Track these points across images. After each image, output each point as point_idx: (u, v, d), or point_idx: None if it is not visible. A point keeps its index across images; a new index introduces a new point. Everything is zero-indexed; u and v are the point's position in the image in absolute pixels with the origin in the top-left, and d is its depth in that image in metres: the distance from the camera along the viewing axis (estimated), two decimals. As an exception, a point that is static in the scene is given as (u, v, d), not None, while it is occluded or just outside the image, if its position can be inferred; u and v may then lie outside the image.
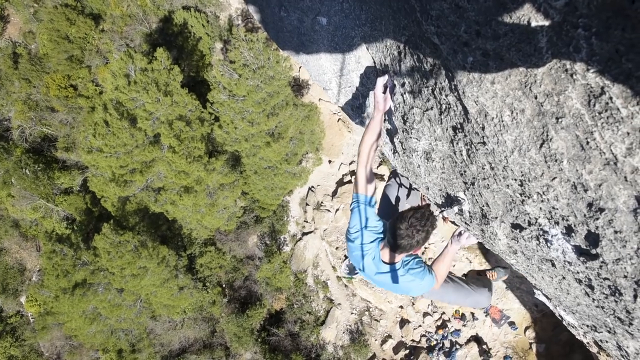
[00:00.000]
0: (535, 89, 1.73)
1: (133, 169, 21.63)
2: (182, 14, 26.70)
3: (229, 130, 21.90)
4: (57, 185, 28.55)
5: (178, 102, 21.13)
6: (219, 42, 27.55)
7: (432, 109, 2.43)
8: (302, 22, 3.14)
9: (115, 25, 28.63)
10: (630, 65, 1.41)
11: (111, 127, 20.40)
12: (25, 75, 30.17)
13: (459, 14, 1.78)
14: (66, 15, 27.79)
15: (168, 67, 21.20)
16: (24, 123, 30.41)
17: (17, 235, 32.19)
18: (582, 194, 1.82)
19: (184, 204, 22.36)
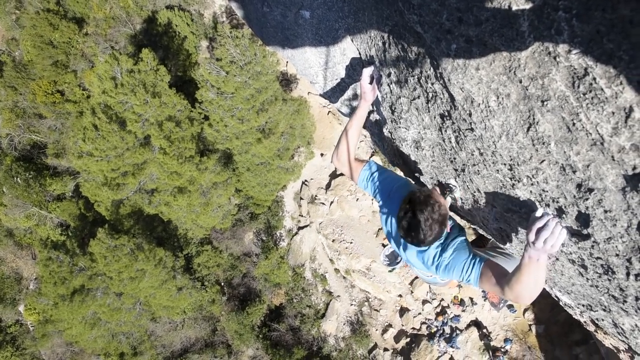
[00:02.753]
0: (520, 73, 1.73)
1: (125, 172, 21.54)
2: (166, 13, 26.54)
3: (219, 128, 21.85)
4: (49, 192, 28.41)
5: (167, 103, 21.04)
6: (205, 40, 27.43)
7: (419, 97, 2.43)
8: (285, 16, 3.13)
9: (99, 28, 28.43)
10: (612, 45, 1.41)
11: (100, 130, 20.29)
12: (10, 83, 29.94)
13: (441, 2, 1.78)
14: (49, 21, 27.57)
15: (154, 68, 21.10)
16: (13, 131, 30.20)
17: (11, 244, 32.04)
18: (570, 175, 1.83)
19: (178, 204, 22.31)
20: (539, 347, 18.69)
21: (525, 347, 19.00)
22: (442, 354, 21.48)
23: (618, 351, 2.96)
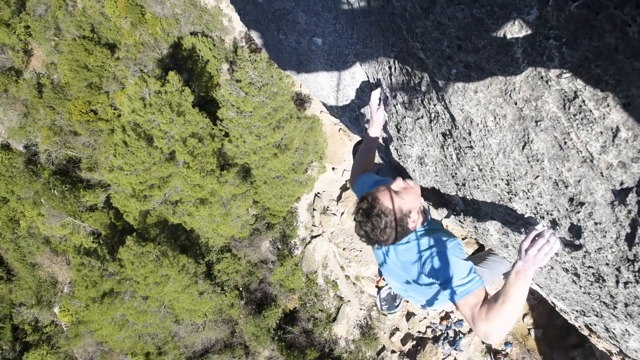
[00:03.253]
0: (515, 96, 1.74)
1: (152, 185, 21.72)
2: (190, 39, 26.88)
3: (238, 144, 21.98)
4: (82, 203, 28.69)
5: (190, 121, 21.24)
6: (226, 63, 27.70)
7: (423, 117, 2.45)
8: (300, 43, 3.18)
9: (130, 53, 28.84)
10: (599, 71, 1.43)
11: (130, 147, 20.52)
12: (49, 103, 30.41)
13: (441, 31, 1.81)
14: (84, 46, 28.03)
15: (180, 89, 21.33)
16: (50, 147, 30.62)
17: (48, 250, 32.36)
18: (563, 190, 1.84)
19: (200, 214, 22.41)
20: (537, 350, 18.40)
21: (524, 350, 18.72)
22: (446, 356, 21.21)
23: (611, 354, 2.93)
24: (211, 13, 27.58)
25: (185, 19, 27.80)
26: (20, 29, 31.25)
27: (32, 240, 32.25)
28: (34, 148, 32.46)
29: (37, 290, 32.61)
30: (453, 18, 1.73)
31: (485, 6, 1.59)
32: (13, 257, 32.74)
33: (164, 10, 28.13)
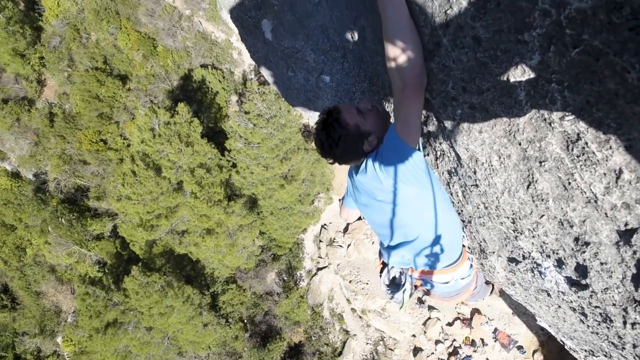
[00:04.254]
0: (519, 137, 1.78)
1: (159, 214, 21.81)
2: (201, 71, 27.39)
3: (245, 175, 22.13)
4: (89, 232, 28.78)
5: (199, 152, 21.45)
6: (235, 95, 28.12)
7: (429, 154, 2.49)
8: (308, 80, 3.25)
9: (141, 84, 29.39)
10: (601, 114, 1.46)
11: (138, 176, 20.69)
12: (60, 133, 30.86)
13: (446, 73, 1.85)
14: (96, 77, 28.61)
15: (189, 120, 21.62)
16: (59, 176, 30.93)
17: (53, 279, 32.30)
18: (568, 230, 1.85)
19: (206, 245, 22.39)
20: (548, 387, 17.98)
21: (535, 388, 18.30)
22: (454, 392, 20.78)
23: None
24: (221, 46, 28.17)
25: (196, 52, 28.39)
26: (35, 60, 31.99)
27: (38, 268, 32.25)
28: (43, 176, 32.79)
29: (41, 319, 32.42)
30: (457, 61, 1.78)
31: (489, 50, 1.64)
32: (18, 285, 32.69)
33: (176, 43, 28.78)
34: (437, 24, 1.77)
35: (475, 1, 1.59)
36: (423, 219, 2.37)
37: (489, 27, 1.60)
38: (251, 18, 3.41)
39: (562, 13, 1.36)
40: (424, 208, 2.33)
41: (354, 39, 2.56)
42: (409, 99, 2.01)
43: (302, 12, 2.77)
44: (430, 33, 1.82)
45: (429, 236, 2.45)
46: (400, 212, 2.36)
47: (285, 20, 3.02)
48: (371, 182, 2.33)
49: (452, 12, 1.68)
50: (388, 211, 2.39)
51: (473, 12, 1.61)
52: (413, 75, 1.95)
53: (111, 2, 28.89)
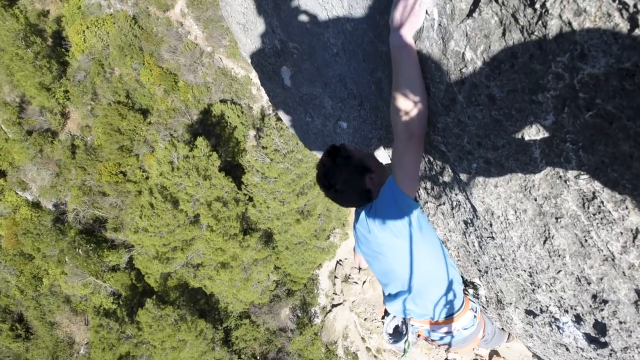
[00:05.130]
0: (535, 192, 1.79)
1: (175, 247, 21.90)
2: (220, 106, 27.91)
3: (262, 209, 22.22)
4: (105, 263, 28.95)
5: (216, 185, 21.65)
6: (253, 130, 28.50)
7: (445, 204, 2.50)
8: (325, 126, 3.31)
9: (161, 118, 29.99)
10: (616, 175, 1.46)
11: (156, 209, 20.90)
12: (81, 164, 31.46)
13: (461, 128, 1.88)
14: (118, 111, 29.28)
15: (207, 154, 21.92)
16: (79, 206, 31.37)
17: (68, 310, 32.38)
18: (586, 286, 1.83)
19: (220, 278, 22.34)
20: None
21: None
22: None
23: None
24: (241, 82, 28.75)
25: (216, 87, 28.99)
26: (60, 93, 32.93)
27: (53, 298, 32.40)
28: (62, 207, 33.29)
29: (54, 350, 32.35)
30: (472, 117, 1.81)
31: (504, 109, 1.67)
32: (33, 315, 32.81)
33: (196, 79, 29.45)
34: (453, 80, 1.81)
35: (490, 61, 1.63)
36: (418, 271, 2.34)
37: (503, 87, 1.63)
38: (271, 64, 3.51)
39: (575, 77, 1.38)
40: (419, 261, 2.30)
41: (371, 89, 2.61)
42: (412, 150, 2.06)
43: (321, 62, 2.85)
44: (446, 89, 1.86)
45: (426, 288, 2.43)
46: (396, 264, 2.35)
47: (304, 68, 3.10)
48: (367, 234, 2.35)
49: (467, 70, 1.72)
50: (384, 262, 2.40)
51: (488, 71, 1.65)
52: (419, 128, 2.01)
53: (135, 39, 29.81)
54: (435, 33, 1.80)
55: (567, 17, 1.32)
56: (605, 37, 1.27)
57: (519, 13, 1.46)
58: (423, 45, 1.87)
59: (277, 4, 2.89)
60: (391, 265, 2.38)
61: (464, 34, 1.68)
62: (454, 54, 1.74)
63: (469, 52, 1.68)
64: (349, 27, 2.41)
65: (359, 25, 2.33)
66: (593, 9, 1.27)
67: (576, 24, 1.32)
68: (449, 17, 1.71)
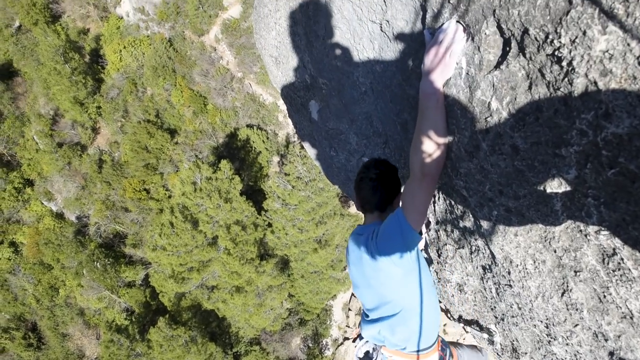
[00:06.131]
0: (554, 244, 1.79)
1: (191, 267, 21.98)
2: (246, 131, 28.30)
3: (280, 235, 22.23)
4: (122, 279, 29.15)
5: (236, 209, 21.79)
6: (277, 156, 28.75)
7: (464, 248, 2.50)
8: (349, 161, 3.35)
9: (188, 138, 30.50)
10: (637, 233, 1.46)
11: (176, 228, 21.09)
12: (107, 179, 32.06)
13: (484, 174, 1.90)
14: (147, 130, 29.91)
15: (230, 177, 22.15)
16: (101, 220, 31.83)
17: (81, 322, 32.54)
18: (603, 343, 1.81)
19: (234, 302, 22.28)
20: None
21: None
22: None
23: None
24: (268, 108, 29.17)
25: (244, 112, 29.46)
26: (92, 109, 33.84)
27: (68, 310, 32.63)
28: (85, 220, 33.81)
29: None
30: (495, 165, 1.83)
31: (527, 160, 1.69)
32: (47, 325, 33.04)
33: (225, 103, 29.99)
34: (477, 128, 1.84)
35: (515, 113, 1.66)
36: (405, 300, 2.37)
37: (527, 139, 1.65)
38: (300, 98, 3.59)
39: (599, 135, 1.40)
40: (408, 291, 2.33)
41: (397, 129, 2.66)
42: (426, 189, 2.12)
43: (349, 99, 2.91)
44: (470, 136, 1.89)
45: (407, 317, 2.42)
46: (385, 290, 2.38)
47: (332, 103, 3.16)
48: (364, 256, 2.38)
49: (492, 120, 1.75)
50: (376, 286, 2.42)
51: (512, 123, 1.67)
52: (436, 171, 2.10)
53: (169, 61, 30.63)
54: (463, 81, 1.84)
55: (593, 76, 1.35)
56: (630, 99, 1.29)
57: (545, 69, 1.49)
58: (450, 92, 1.91)
59: (309, 40, 2.98)
60: (383, 291, 2.41)
61: (490, 85, 1.72)
62: (480, 103, 1.78)
63: (495, 102, 1.72)
64: (379, 69, 2.47)
65: (388, 68, 2.39)
66: (619, 71, 1.30)
67: (602, 84, 1.34)
68: (477, 67, 1.76)
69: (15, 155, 35.59)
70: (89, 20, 36.67)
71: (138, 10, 33.63)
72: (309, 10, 2.87)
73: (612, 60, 1.29)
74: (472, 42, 1.76)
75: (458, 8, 1.79)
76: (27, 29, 35.65)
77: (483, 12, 1.67)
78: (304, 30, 3.04)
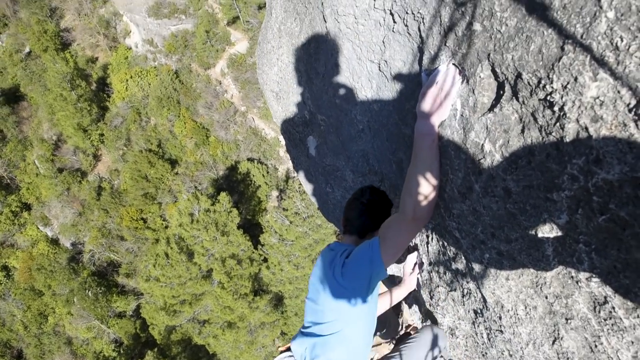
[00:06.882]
0: (546, 290, 1.77)
1: (183, 300, 21.68)
2: (247, 164, 28.44)
3: (275, 271, 22.03)
4: (112, 309, 28.73)
5: (233, 242, 21.67)
6: (276, 191, 28.79)
7: (456, 290, 2.47)
8: (345, 198, 3.36)
9: (188, 169, 30.63)
10: (628, 282, 1.45)
11: (171, 259, 20.91)
12: (104, 206, 32.01)
13: (476, 216, 1.90)
14: (148, 159, 30.07)
15: (228, 210, 22.12)
16: (95, 248, 31.61)
17: (68, 352, 31.83)
18: (594, 394, 1.76)
19: (225, 338, 21.88)
20: None
21: None
22: None
23: None
24: (270, 143, 29.40)
25: (245, 146, 29.68)
26: (95, 136, 34.11)
27: (55, 338, 31.97)
28: (80, 246, 33.57)
29: (46, 394, 31.62)
30: (488, 208, 1.82)
31: (519, 203, 1.69)
32: (33, 353, 32.32)
33: (227, 136, 30.26)
34: (471, 170, 1.84)
35: (508, 156, 1.66)
36: (347, 325, 2.31)
37: (519, 182, 1.65)
38: (298, 133, 3.62)
39: (590, 181, 1.40)
40: (353, 317, 2.28)
41: (392, 168, 2.67)
42: (410, 230, 2.12)
43: (346, 136, 2.93)
44: (464, 177, 1.89)
45: (342, 341, 2.35)
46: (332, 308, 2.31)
47: (329, 140, 3.19)
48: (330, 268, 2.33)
49: (485, 162, 1.76)
50: (323, 300, 2.36)
51: (505, 165, 1.68)
52: (427, 215, 2.07)
53: (174, 92, 31.07)
54: (457, 123, 1.85)
55: (585, 122, 1.36)
56: (620, 146, 1.30)
57: (538, 113, 1.51)
58: (445, 133, 1.92)
59: (310, 77, 3.03)
60: (331, 308, 2.33)
61: (484, 127, 1.73)
62: (473, 145, 1.79)
63: (488, 145, 1.72)
64: (376, 107, 2.50)
65: (385, 107, 2.42)
66: (610, 117, 1.30)
67: (593, 130, 1.35)
68: (471, 109, 1.77)
69: (15, 178, 35.63)
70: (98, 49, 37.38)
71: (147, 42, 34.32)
72: (310, 48, 2.92)
73: (603, 106, 1.30)
74: (467, 84, 1.78)
75: (454, 51, 1.82)
76: (36, 55, 36.28)
77: (478, 55, 1.70)
78: (304, 67, 3.09)
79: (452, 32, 1.83)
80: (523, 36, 1.52)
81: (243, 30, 31.14)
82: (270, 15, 3.65)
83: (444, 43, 1.87)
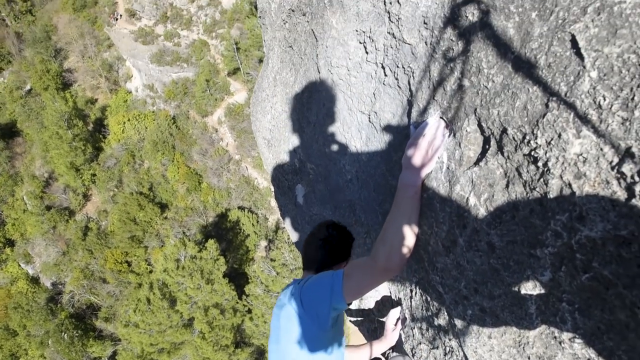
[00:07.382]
0: (528, 350, 1.73)
1: (162, 349, 21.00)
2: (237, 212, 28.33)
3: (258, 323, 21.52)
4: (88, 354, 27.72)
5: (217, 291, 21.26)
6: (264, 241, 28.57)
7: (438, 348, 2.41)
8: (330, 250, 3.32)
9: (178, 214, 30.44)
10: (612, 344, 1.42)
11: (152, 305, 20.41)
12: (89, 247, 31.52)
13: (460, 271, 1.88)
14: (138, 201, 29.91)
15: (215, 257, 21.83)
16: (76, 289, 30.87)
17: (36, 397, 30.45)
18: None
19: (202, 391, 21.09)
20: None
21: None
22: None
23: None
24: (261, 192, 29.43)
25: (237, 194, 29.69)
26: (87, 175, 34.04)
27: (24, 385, 30.66)
28: (60, 287, 32.77)
29: None
30: (471, 262, 1.81)
31: (502, 258, 1.67)
32: (0, 397, 30.91)
33: (220, 183, 30.31)
34: (455, 223, 1.84)
35: (493, 210, 1.66)
36: None
37: (503, 237, 1.64)
38: (287, 181, 3.63)
39: (573, 238, 1.39)
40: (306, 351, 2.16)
41: (378, 220, 2.65)
42: (378, 279, 2.05)
43: (334, 185, 2.94)
44: (448, 230, 1.88)
45: None
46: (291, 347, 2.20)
47: (317, 189, 3.19)
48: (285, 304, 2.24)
49: (469, 215, 1.76)
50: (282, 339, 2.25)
51: (489, 219, 1.67)
52: (397, 265, 2.00)
53: (170, 137, 31.33)
54: (444, 175, 1.86)
55: (568, 178, 1.37)
56: (603, 203, 1.30)
57: (522, 168, 1.52)
58: (431, 185, 1.93)
59: (301, 126, 3.06)
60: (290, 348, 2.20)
61: (469, 180, 1.74)
62: (459, 198, 1.79)
63: (473, 198, 1.72)
64: (364, 158, 2.52)
65: (373, 157, 2.43)
66: (592, 174, 1.31)
67: (576, 187, 1.35)
68: (457, 162, 1.78)
69: (1, 213, 35.20)
70: (98, 91, 37.95)
71: (147, 87, 34.94)
72: (303, 97, 2.97)
73: (586, 163, 1.31)
74: (454, 137, 1.80)
75: (442, 105, 1.85)
76: (37, 92, 36.75)
77: (465, 110, 1.73)
78: (297, 116, 3.13)
79: (440, 87, 1.87)
80: (509, 92, 1.55)
81: (243, 81, 31.84)
82: (267, 65, 3.73)
83: (433, 97, 1.91)
